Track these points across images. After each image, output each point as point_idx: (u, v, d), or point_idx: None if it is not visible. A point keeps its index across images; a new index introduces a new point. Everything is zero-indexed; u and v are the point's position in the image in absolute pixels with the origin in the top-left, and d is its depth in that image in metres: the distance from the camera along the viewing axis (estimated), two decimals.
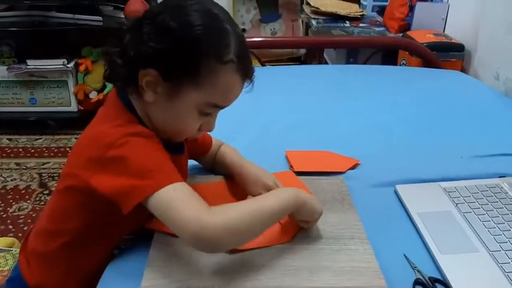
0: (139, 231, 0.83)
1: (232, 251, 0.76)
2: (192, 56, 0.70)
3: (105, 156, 0.69)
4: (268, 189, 0.87)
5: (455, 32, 2.09)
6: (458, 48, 1.96)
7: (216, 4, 0.75)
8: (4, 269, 1.11)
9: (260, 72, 0.80)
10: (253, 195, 0.88)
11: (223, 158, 0.98)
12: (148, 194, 0.67)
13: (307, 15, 2.62)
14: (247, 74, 0.76)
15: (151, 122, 0.78)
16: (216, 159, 0.99)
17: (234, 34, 0.73)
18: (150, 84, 0.73)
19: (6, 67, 2.47)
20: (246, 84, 0.77)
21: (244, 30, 3.08)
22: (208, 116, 0.77)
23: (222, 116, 0.80)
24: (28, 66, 2.46)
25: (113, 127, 0.73)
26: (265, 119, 1.32)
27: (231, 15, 2.99)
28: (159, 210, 0.67)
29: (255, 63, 2.64)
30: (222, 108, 0.77)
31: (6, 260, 1.14)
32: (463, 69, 1.94)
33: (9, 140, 2.52)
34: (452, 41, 2.00)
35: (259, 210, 0.71)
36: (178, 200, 0.67)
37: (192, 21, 0.70)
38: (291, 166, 1.06)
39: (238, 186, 0.94)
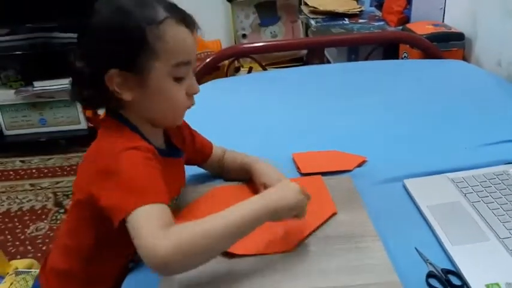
0: None
1: (231, 256, 0.76)
2: (135, 33, 0.73)
3: (104, 169, 0.71)
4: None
5: (454, 21, 2.08)
6: (458, 37, 1.95)
7: None
8: None
9: (262, 76, 0.82)
10: (265, 186, 0.88)
11: (233, 160, 1.00)
12: (128, 212, 0.66)
13: (305, 15, 2.63)
14: (187, 21, 0.77)
15: (149, 123, 0.80)
16: (225, 164, 1.01)
17: None
18: (121, 84, 0.75)
19: (13, 91, 2.52)
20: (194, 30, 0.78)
21: (244, 35, 3.09)
22: (184, 79, 0.79)
23: (228, 121, 0.81)
24: (35, 88, 2.50)
25: (112, 141, 0.75)
26: (269, 122, 1.33)
27: (230, 21, 3.05)
28: (131, 232, 0.66)
29: (257, 68, 2.66)
30: (188, 63, 0.78)
31: (27, 281, 1.16)
32: (465, 58, 1.93)
33: (22, 162, 2.55)
34: (452, 30, 1.99)
35: (216, 228, 0.67)
36: (143, 226, 0.65)
37: (113, 7, 0.74)
38: (298, 168, 1.07)
39: (251, 190, 0.95)
